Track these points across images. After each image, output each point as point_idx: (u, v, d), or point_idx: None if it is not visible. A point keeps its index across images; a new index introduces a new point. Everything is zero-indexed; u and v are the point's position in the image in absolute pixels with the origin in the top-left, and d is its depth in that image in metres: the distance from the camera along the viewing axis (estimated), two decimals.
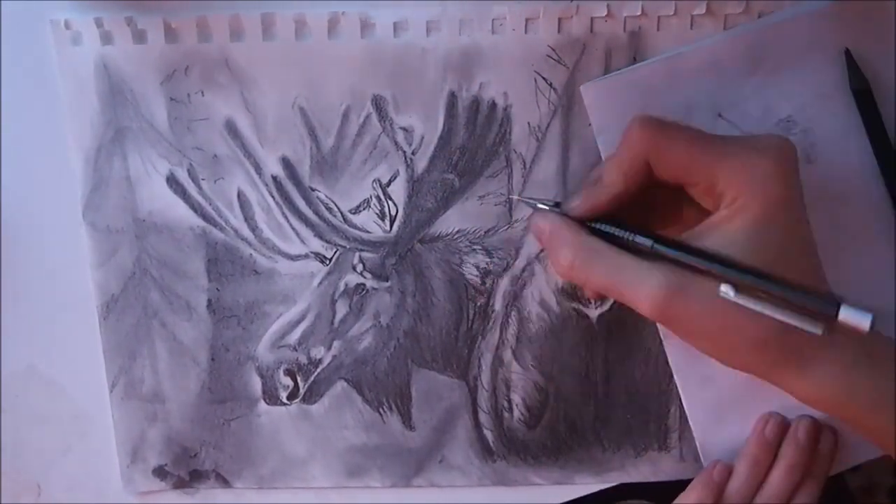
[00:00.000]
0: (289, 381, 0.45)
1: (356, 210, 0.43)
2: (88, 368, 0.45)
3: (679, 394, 0.44)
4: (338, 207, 0.43)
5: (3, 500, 0.47)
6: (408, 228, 0.43)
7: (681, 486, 0.44)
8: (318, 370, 0.45)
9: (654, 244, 0.34)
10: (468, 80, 0.41)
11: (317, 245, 0.43)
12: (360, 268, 0.44)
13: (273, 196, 0.43)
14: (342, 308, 0.44)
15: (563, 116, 0.42)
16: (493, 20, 0.40)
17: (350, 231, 0.43)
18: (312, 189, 0.43)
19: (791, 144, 0.36)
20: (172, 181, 0.43)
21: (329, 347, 0.44)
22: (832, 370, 0.35)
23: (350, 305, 0.44)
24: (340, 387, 0.45)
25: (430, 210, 0.43)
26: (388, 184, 0.43)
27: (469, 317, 0.44)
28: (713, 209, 0.35)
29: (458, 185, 0.43)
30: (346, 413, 0.45)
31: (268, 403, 0.45)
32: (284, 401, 0.45)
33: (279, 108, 0.42)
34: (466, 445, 0.45)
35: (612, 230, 0.36)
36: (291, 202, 0.43)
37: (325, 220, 0.43)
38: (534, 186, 0.42)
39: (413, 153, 0.42)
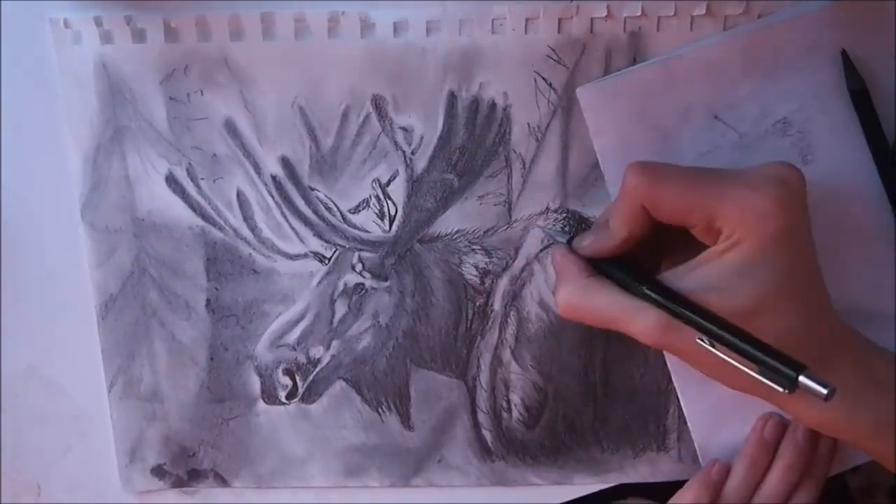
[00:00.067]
0: (287, 381, 0.45)
1: (355, 210, 0.43)
2: (88, 368, 0.45)
3: (677, 394, 0.44)
4: (337, 207, 0.43)
5: (3, 500, 0.47)
6: (407, 228, 0.43)
7: (679, 487, 0.44)
8: (317, 370, 0.45)
9: (646, 289, 0.36)
10: (468, 80, 0.41)
11: (316, 245, 0.43)
12: (360, 267, 0.44)
13: (272, 195, 0.43)
14: (341, 308, 0.44)
15: (563, 117, 0.42)
16: (493, 20, 0.40)
17: (349, 231, 0.43)
18: (312, 189, 0.43)
19: (795, 172, 0.35)
20: (171, 180, 0.43)
21: (328, 347, 0.44)
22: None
23: (349, 305, 0.44)
24: (339, 386, 0.45)
25: (430, 210, 0.43)
26: (388, 184, 0.43)
27: (468, 317, 0.44)
28: (713, 245, 0.35)
29: (458, 185, 0.43)
30: (345, 413, 0.45)
31: (266, 403, 0.45)
32: (283, 400, 0.45)
33: (279, 108, 0.42)
34: (465, 445, 0.45)
35: (612, 271, 0.38)
36: (291, 202, 0.43)
37: (325, 220, 0.43)
38: (533, 187, 0.42)
39: (412, 153, 0.42)
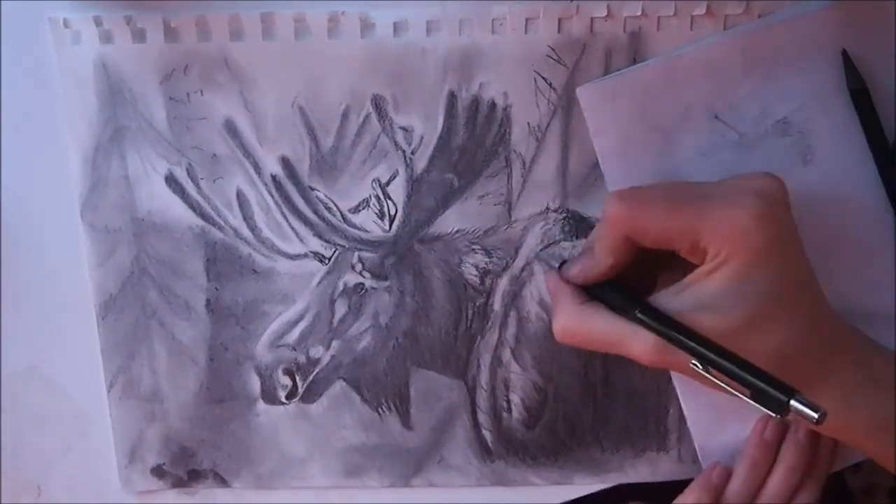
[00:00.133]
0: (287, 381, 0.45)
1: (355, 209, 0.43)
2: (88, 368, 0.45)
3: (677, 395, 0.44)
4: (337, 207, 0.43)
5: (3, 500, 0.47)
6: (407, 228, 0.43)
7: (679, 487, 0.44)
8: (317, 370, 0.45)
9: (638, 313, 0.36)
10: (468, 80, 0.41)
11: (316, 244, 0.43)
12: (360, 267, 0.43)
13: (272, 195, 0.43)
14: (341, 308, 0.44)
15: (563, 116, 0.41)
16: (493, 20, 0.40)
17: (349, 230, 0.43)
18: (312, 188, 0.43)
19: (775, 183, 0.35)
20: (171, 180, 0.43)
21: (328, 347, 0.44)
22: (832, 394, 0.35)
23: (349, 305, 0.44)
24: (339, 386, 0.45)
25: (430, 210, 0.43)
26: (388, 183, 0.43)
27: (468, 317, 0.44)
28: (701, 264, 0.35)
29: (458, 185, 0.43)
30: (345, 413, 0.45)
31: (266, 403, 0.45)
32: (283, 400, 0.45)
33: (279, 108, 0.42)
34: (465, 445, 0.45)
35: (605, 295, 0.38)
36: (291, 202, 0.43)
37: (325, 220, 0.43)
38: (533, 187, 0.42)
39: (412, 153, 0.42)
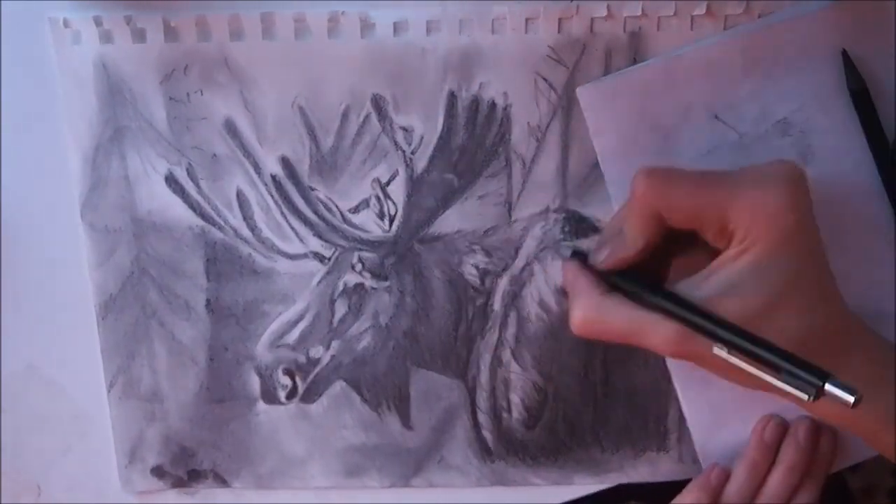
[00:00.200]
0: (287, 381, 0.45)
1: (355, 209, 0.43)
2: (88, 368, 0.45)
3: (677, 396, 0.44)
4: (337, 207, 0.43)
5: (3, 500, 0.47)
6: (407, 228, 0.43)
7: (680, 487, 0.44)
8: (317, 370, 0.45)
9: (661, 300, 0.35)
10: (468, 80, 0.41)
11: (316, 244, 0.43)
12: (360, 267, 0.43)
13: (272, 195, 0.43)
14: (341, 308, 0.44)
15: (563, 117, 0.41)
16: (493, 20, 0.40)
17: (349, 231, 0.43)
18: (312, 188, 0.43)
19: (800, 170, 0.35)
20: (171, 180, 0.43)
21: (328, 347, 0.44)
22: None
23: (349, 305, 0.44)
24: (339, 386, 0.45)
25: (430, 210, 0.43)
26: (388, 183, 0.43)
27: (468, 317, 0.44)
28: (726, 248, 0.35)
29: (458, 185, 0.43)
30: (345, 413, 0.45)
31: (266, 403, 0.45)
32: (283, 400, 0.45)
33: (279, 108, 0.42)
34: (465, 445, 0.45)
35: (625, 284, 0.38)
36: (291, 202, 0.43)
37: (325, 220, 0.43)
38: (533, 187, 0.42)
39: (412, 153, 0.42)
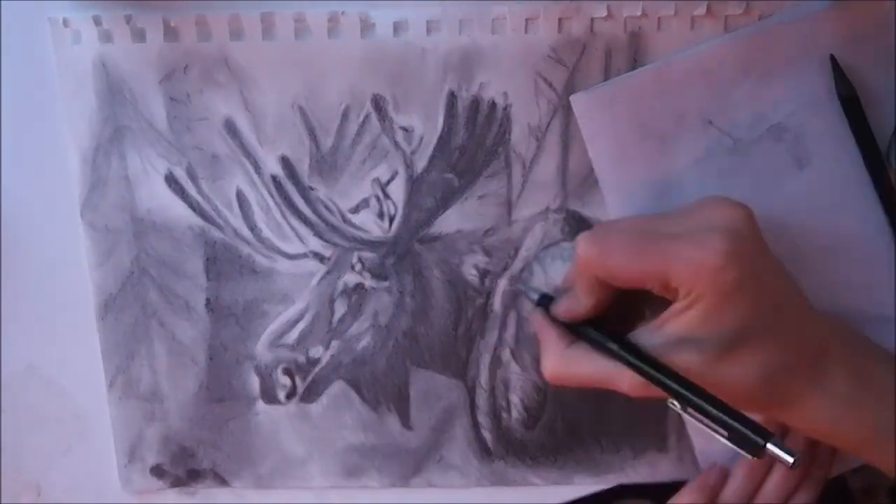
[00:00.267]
0: (287, 381, 0.45)
1: (355, 209, 0.43)
2: (88, 368, 0.45)
3: None
4: (337, 207, 0.43)
5: (3, 500, 0.47)
6: (407, 228, 0.43)
7: (679, 488, 0.44)
8: (317, 369, 0.45)
9: (620, 351, 0.36)
10: (468, 80, 0.41)
11: (316, 244, 0.43)
12: (359, 267, 0.43)
13: (272, 195, 0.43)
14: (341, 307, 0.44)
15: (563, 116, 0.41)
16: (493, 20, 0.40)
17: (349, 230, 0.43)
18: (311, 188, 0.43)
19: (743, 214, 0.35)
20: (171, 180, 0.43)
21: (327, 347, 0.44)
22: (823, 404, 0.35)
23: (349, 305, 0.44)
24: (339, 386, 0.45)
25: (430, 210, 0.43)
26: (388, 183, 0.43)
27: (468, 317, 0.44)
28: (675, 301, 0.35)
29: (458, 185, 0.42)
30: (345, 413, 0.45)
31: (266, 403, 0.45)
32: (283, 400, 0.45)
33: (278, 108, 0.42)
34: (465, 445, 0.45)
35: (587, 333, 0.39)
36: (290, 201, 0.43)
37: (324, 220, 0.43)
38: (533, 187, 0.42)
39: (412, 153, 0.42)
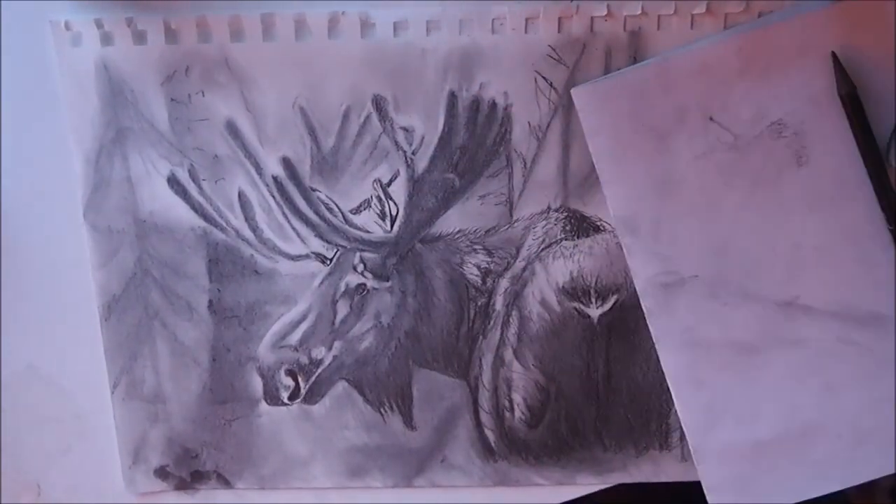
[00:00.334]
0: (290, 382, 0.45)
1: (357, 210, 0.43)
2: (89, 369, 0.45)
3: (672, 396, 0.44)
4: (338, 207, 0.43)
5: (3, 500, 0.47)
6: (408, 228, 0.43)
7: (682, 486, 0.44)
8: (319, 370, 0.45)
9: None
10: (468, 80, 0.41)
11: (317, 245, 0.43)
12: (361, 268, 0.44)
13: (274, 196, 0.43)
14: (343, 308, 0.44)
15: (564, 116, 0.42)
16: (493, 20, 0.40)
17: (351, 231, 0.43)
18: (313, 189, 0.43)
19: None
20: (173, 182, 0.43)
21: (330, 347, 0.44)
22: None
23: (351, 305, 0.44)
24: (341, 387, 0.45)
25: (431, 210, 0.43)
26: (389, 184, 0.43)
27: (470, 316, 0.44)
28: None
29: (459, 185, 0.43)
30: (348, 413, 0.45)
31: (269, 404, 0.45)
32: (285, 401, 0.45)
33: (279, 109, 0.42)
34: (468, 445, 0.45)
35: None
36: (292, 202, 0.43)
37: (326, 221, 0.43)
38: (534, 186, 0.42)
39: (413, 153, 0.42)
